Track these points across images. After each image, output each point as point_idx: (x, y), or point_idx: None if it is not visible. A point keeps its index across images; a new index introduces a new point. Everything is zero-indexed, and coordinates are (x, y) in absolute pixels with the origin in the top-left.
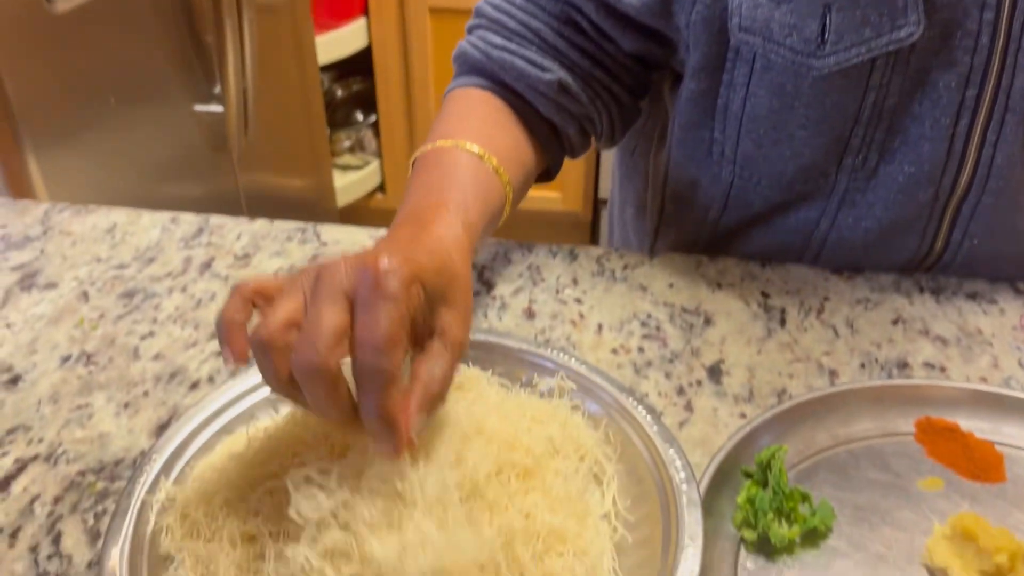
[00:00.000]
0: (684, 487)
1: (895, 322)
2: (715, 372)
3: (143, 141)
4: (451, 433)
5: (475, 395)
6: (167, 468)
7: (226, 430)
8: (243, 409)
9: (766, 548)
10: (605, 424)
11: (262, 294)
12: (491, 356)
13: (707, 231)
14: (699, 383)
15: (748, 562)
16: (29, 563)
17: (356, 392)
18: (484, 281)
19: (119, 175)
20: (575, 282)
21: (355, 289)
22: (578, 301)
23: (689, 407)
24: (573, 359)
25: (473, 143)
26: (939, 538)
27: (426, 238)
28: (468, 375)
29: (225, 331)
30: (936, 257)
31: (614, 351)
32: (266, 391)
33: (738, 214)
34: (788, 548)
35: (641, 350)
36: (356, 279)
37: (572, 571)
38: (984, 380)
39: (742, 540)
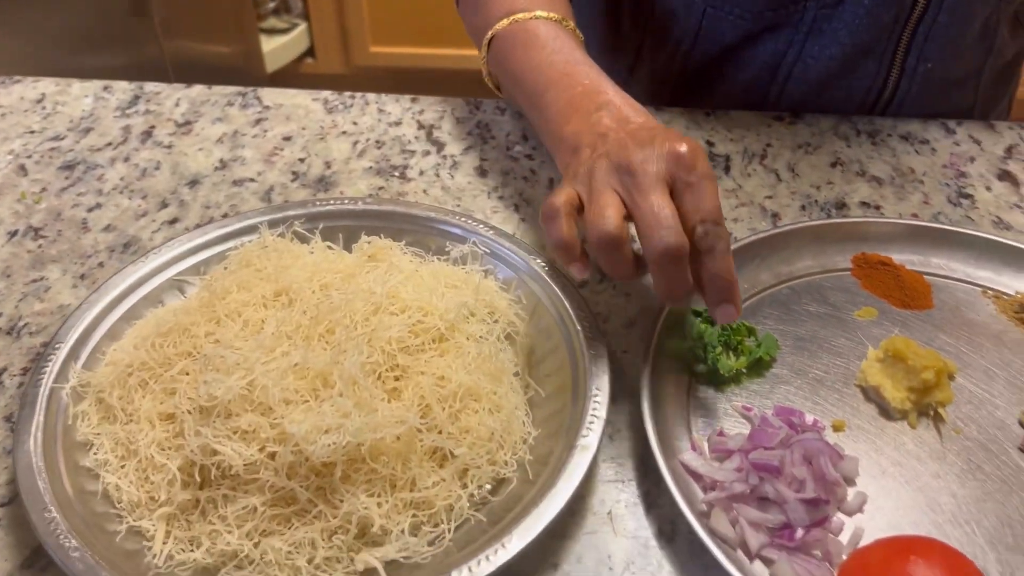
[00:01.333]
0: (591, 337)
1: (834, 165)
2: None
3: (59, 5)
4: (364, 306)
5: (387, 266)
6: (74, 356)
7: (132, 315)
8: (147, 292)
9: (716, 379)
10: (515, 286)
11: (573, 204)
12: (401, 226)
13: (677, 66)
14: None
15: (699, 393)
16: (6, 432)
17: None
18: (433, 140)
19: (36, 44)
20: (525, 138)
21: (673, 175)
22: (529, 157)
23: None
24: (482, 225)
25: (543, 10)
26: (872, 361)
27: (649, 120)
28: (380, 246)
29: (568, 252)
30: (892, 88)
31: None
32: (168, 274)
33: (708, 47)
34: (735, 378)
35: None
36: (673, 167)
37: (487, 426)
38: (916, 216)
39: (693, 374)
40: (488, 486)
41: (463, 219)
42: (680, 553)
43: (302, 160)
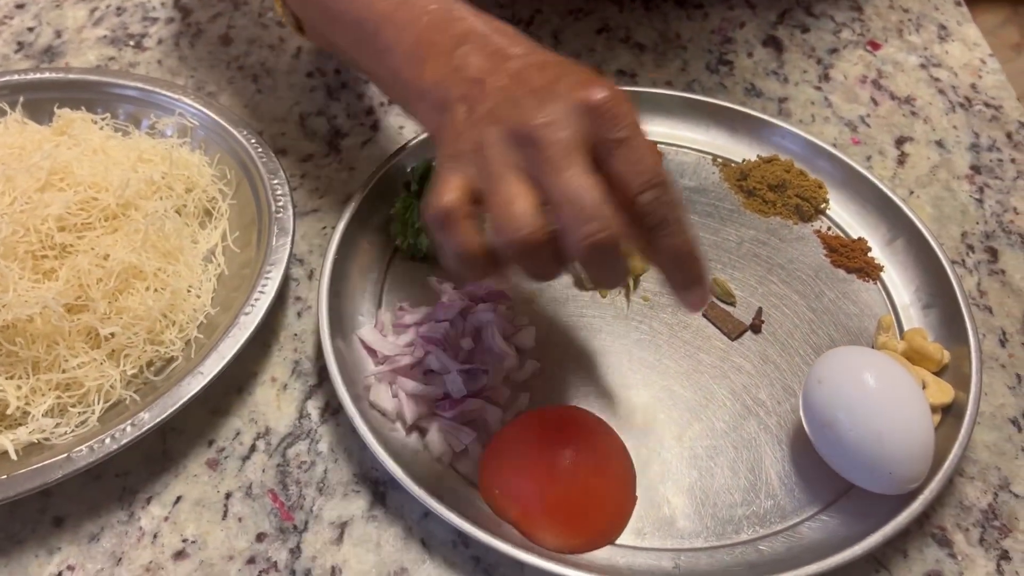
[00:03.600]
0: (279, 215)
1: (600, 31)
2: None
3: None
4: (23, 184)
5: (71, 141)
6: None
7: None
8: None
9: (417, 253)
10: (219, 160)
11: (468, 198)
12: (111, 99)
13: None
14: (389, 103)
15: (398, 268)
16: None
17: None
18: (181, 7)
19: None
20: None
21: (592, 135)
22: (281, 25)
23: (376, 127)
24: (194, 97)
25: None
26: None
27: (531, 50)
28: (69, 118)
29: (482, 266)
30: None
31: (309, 75)
32: None
33: None
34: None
35: (338, 72)
36: (591, 123)
37: (147, 305)
38: (670, 84)
39: (396, 248)
40: (157, 364)
41: (176, 91)
42: (343, 427)
43: (31, 29)
